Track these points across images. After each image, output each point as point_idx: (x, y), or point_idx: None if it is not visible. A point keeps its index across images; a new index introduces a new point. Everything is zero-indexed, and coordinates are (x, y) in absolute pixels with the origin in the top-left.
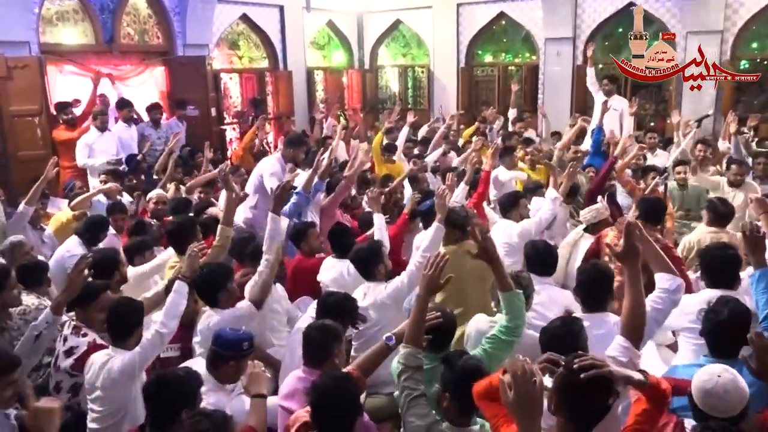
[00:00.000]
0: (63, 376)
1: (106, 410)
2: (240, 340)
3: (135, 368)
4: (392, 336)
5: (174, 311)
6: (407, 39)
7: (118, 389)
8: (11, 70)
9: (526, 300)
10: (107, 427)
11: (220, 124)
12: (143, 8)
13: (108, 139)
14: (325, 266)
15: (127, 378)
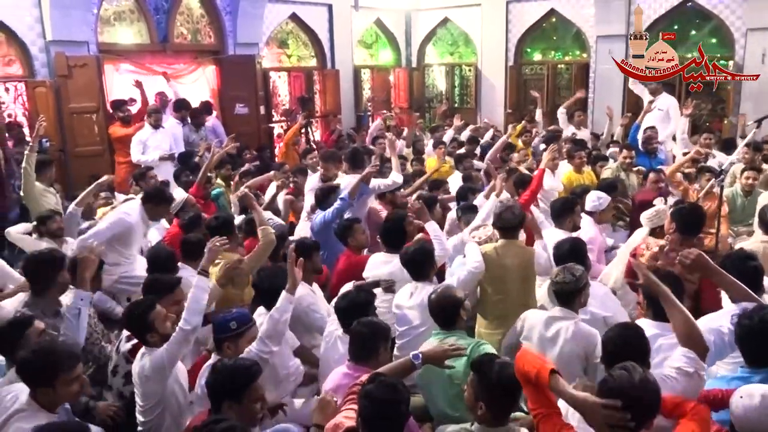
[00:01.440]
0: (121, 360)
1: (146, 405)
2: (226, 321)
3: (164, 365)
4: (419, 354)
5: (196, 307)
6: (455, 37)
7: (150, 386)
8: (71, 69)
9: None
10: (150, 420)
11: (269, 122)
12: (196, 8)
13: (161, 135)
14: (376, 262)
15: (158, 374)
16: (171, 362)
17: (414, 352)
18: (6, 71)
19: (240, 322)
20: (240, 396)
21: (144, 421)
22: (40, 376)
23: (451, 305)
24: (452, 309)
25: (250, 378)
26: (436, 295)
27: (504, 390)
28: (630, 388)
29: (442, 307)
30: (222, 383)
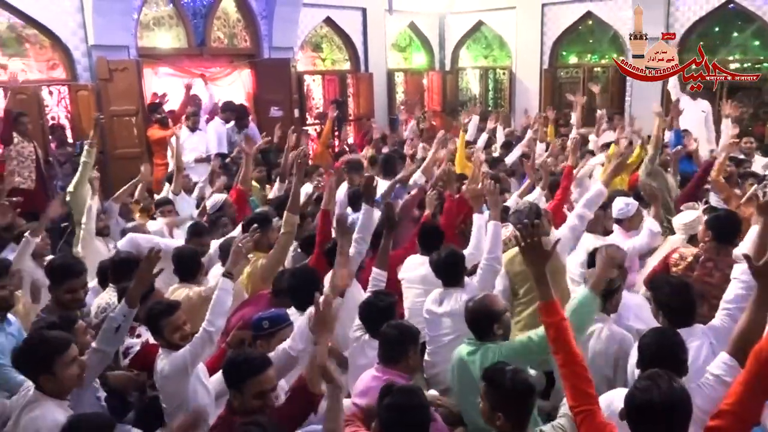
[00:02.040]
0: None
1: (169, 407)
2: (260, 320)
3: (186, 366)
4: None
5: (220, 309)
6: (489, 40)
7: (171, 387)
8: (112, 73)
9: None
10: None
11: (303, 125)
12: (232, 12)
13: (198, 138)
14: (412, 263)
15: (179, 375)
16: (193, 363)
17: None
18: (50, 75)
19: (273, 321)
20: (241, 387)
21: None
22: (38, 364)
23: (484, 317)
24: (486, 321)
25: (252, 370)
26: (473, 303)
27: (519, 395)
28: (658, 400)
29: (476, 318)
30: (228, 372)
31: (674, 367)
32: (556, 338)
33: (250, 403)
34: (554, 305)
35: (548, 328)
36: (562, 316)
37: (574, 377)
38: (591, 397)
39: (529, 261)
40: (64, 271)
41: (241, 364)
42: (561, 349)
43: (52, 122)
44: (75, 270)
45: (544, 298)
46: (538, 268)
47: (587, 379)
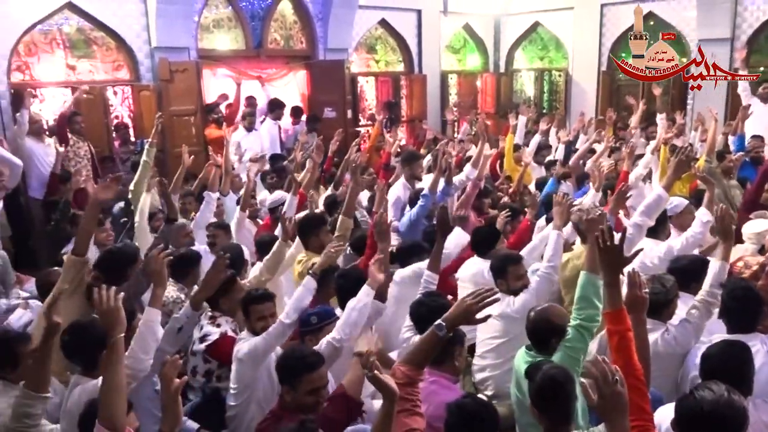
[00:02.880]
0: (198, 360)
1: (237, 387)
2: (309, 316)
3: (258, 353)
4: (443, 324)
5: (299, 304)
6: (545, 41)
7: (243, 370)
8: (173, 74)
9: (665, 304)
10: (237, 405)
11: (355, 126)
12: (289, 15)
13: (254, 138)
14: (468, 264)
15: (252, 360)
16: (265, 352)
17: (438, 322)
18: (115, 76)
19: (321, 317)
20: (294, 383)
21: (233, 405)
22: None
23: (543, 328)
24: (544, 333)
25: (307, 367)
26: (535, 312)
27: (548, 390)
28: (711, 408)
29: (536, 328)
30: (282, 368)
31: (737, 383)
32: (619, 347)
33: (303, 399)
34: (622, 314)
35: (612, 336)
36: (628, 326)
37: (630, 390)
38: (646, 413)
39: (605, 264)
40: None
41: (296, 361)
42: (621, 358)
43: (115, 121)
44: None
45: (613, 305)
46: (613, 275)
47: (644, 394)
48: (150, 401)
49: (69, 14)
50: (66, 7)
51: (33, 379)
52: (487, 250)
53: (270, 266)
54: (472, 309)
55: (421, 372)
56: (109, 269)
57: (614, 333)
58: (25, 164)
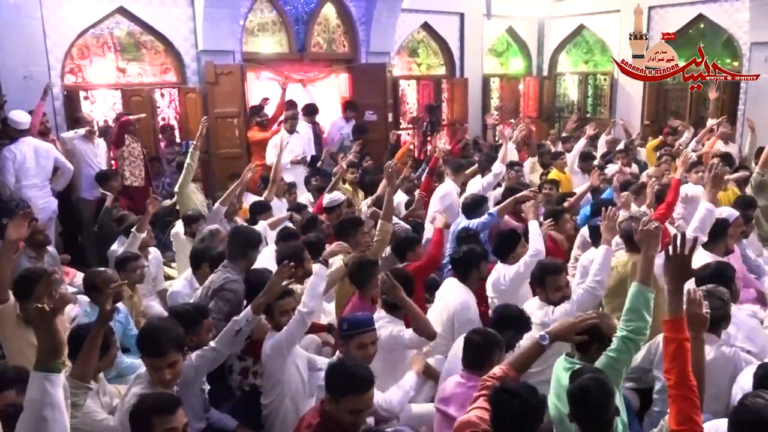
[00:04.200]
0: (234, 360)
1: (268, 384)
2: (342, 321)
3: (282, 346)
4: (546, 335)
5: (314, 292)
6: (590, 45)
7: (271, 365)
8: (218, 77)
9: (722, 318)
10: (271, 402)
11: (396, 129)
12: (333, 18)
13: (296, 140)
14: (494, 269)
15: (277, 355)
16: (289, 343)
17: (541, 333)
18: (162, 78)
19: (351, 325)
20: (338, 398)
21: (266, 403)
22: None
23: (588, 333)
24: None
25: (352, 389)
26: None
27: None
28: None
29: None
30: (329, 378)
31: None
32: (675, 356)
33: (343, 416)
34: (682, 323)
35: (669, 344)
36: (686, 336)
37: (682, 400)
38: (696, 424)
39: (673, 272)
40: None
41: (346, 379)
42: (676, 367)
43: (162, 122)
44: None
45: (674, 313)
46: (678, 283)
47: (695, 405)
48: (194, 397)
49: (120, 18)
50: (117, 11)
51: (79, 369)
52: (507, 254)
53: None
54: (574, 328)
55: (518, 376)
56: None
57: (672, 341)
58: (75, 164)
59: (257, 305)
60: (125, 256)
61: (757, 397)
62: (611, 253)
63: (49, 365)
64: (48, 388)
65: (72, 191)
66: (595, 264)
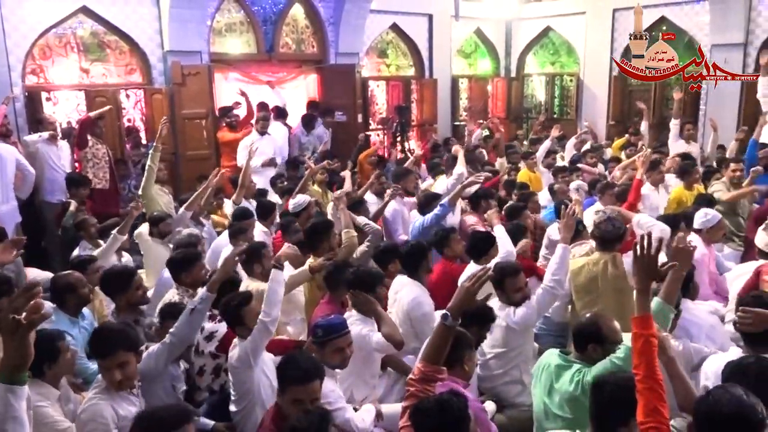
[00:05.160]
0: (206, 359)
1: (236, 394)
2: (316, 327)
3: (248, 357)
4: (448, 314)
5: (273, 298)
6: (557, 46)
7: (238, 375)
8: (185, 77)
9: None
10: (240, 411)
11: (366, 130)
12: (301, 19)
13: (267, 142)
14: (466, 270)
15: (244, 366)
16: (255, 353)
17: (443, 312)
18: (128, 79)
19: (327, 330)
20: (283, 389)
21: (236, 411)
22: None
23: (588, 332)
24: (587, 336)
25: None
26: (590, 315)
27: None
28: (730, 409)
29: (581, 329)
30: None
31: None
32: (642, 352)
33: (289, 408)
34: (650, 320)
35: (637, 340)
36: (653, 332)
37: (649, 393)
38: (662, 416)
39: (639, 273)
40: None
41: (284, 370)
42: (644, 363)
43: (128, 124)
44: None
45: (642, 310)
46: (646, 282)
47: (662, 398)
48: (167, 396)
49: (83, 18)
50: (80, 11)
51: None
52: (481, 255)
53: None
54: (470, 291)
55: (438, 369)
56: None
57: (640, 336)
58: (38, 167)
59: (212, 283)
60: (83, 258)
61: (722, 390)
62: (568, 251)
63: (13, 377)
64: (11, 400)
65: (35, 194)
66: (552, 263)
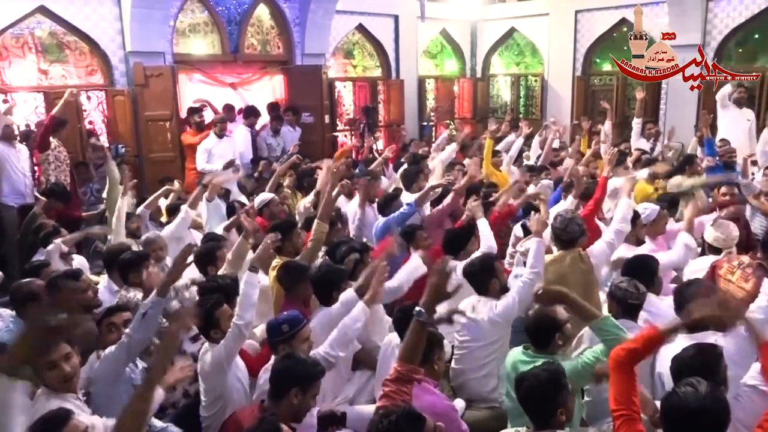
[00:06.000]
0: (188, 360)
1: (208, 399)
2: (278, 325)
3: (221, 361)
4: (421, 310)
5: (247, 302)
6: (521, 47)
7: (211, 380)
8: (148, 78)
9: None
10: (211, 416)
11: (333, 131)
12: (266, 20)
13: (226, 145)
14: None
15: (217, 370)
16: (228, 357)
17: (417, 309)
18: (89, 80)
19: (291, 324)
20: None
21: (206, 416)
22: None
23: (545, 326)
24: (548, 330)
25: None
26: (535, 312)
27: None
28: (696, 404)
29: (538, 327)
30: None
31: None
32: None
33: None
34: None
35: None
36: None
37: (622, 382)
38: (634, 405)
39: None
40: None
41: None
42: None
43: (89, 126)
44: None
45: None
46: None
47: (634, 387)
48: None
49: (41, 18)
50: (38, 10)
51: None
52: (458, 250)
53: (232, 262)
54: (441, 283)
55: (415, 369)
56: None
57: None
58: None
59: (162, 287)
60: (35, 264)
61: (688, 386)
62: (543, 244)
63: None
64: None
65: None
66: (530, 258)
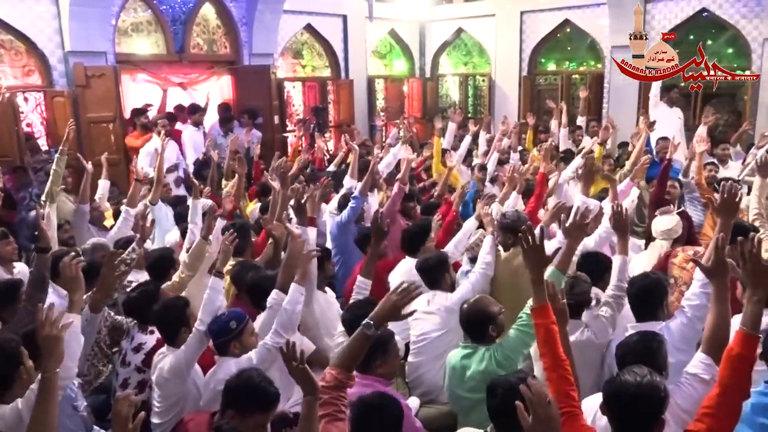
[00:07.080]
0: (131, 372)
1: (163, 405)
2: (226, 323)
3: (182, 367)
4: (370, 322)
5: (211, 308)
6: (469, 47)
7: (169, 387)
8: (89, 79)
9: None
10: (166, 422)
11: (283, 132)
12: (212, 19)
13: (169, 147)
14: (399, 264)
15: (176, 376)
16: (188, 363)
17: (365, 321)
18: (26, 81)
19: (238, 320)
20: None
21: (159, 422)
22: None
23: (478, 319)
24: (481, 323)
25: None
26: (468, 305)
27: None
28: (635, 389)
29: (471, 320)
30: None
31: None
32: (546, 340)
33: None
34: (547, 309)
35: (539, 329)
36: (553, 319)
37: (558, 380)
38: (573, 400)
39: (530, 264)
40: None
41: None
42: (549, 351)
43: (27, 129)
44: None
45: (539, 301)
46: (538, 272)
47: (571, 382)
48: (68, 418)
49: None
50: None
51: None
52: (417, 248)
53: (190, 264)
54: (398, 305)
55: (350, 376)
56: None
57: (541, 326)
58: None
59: (93, 302)
60: None
61: (630, 372)
62: (495, 239)
63: None
64: None
65: None
66: (482, 252)
